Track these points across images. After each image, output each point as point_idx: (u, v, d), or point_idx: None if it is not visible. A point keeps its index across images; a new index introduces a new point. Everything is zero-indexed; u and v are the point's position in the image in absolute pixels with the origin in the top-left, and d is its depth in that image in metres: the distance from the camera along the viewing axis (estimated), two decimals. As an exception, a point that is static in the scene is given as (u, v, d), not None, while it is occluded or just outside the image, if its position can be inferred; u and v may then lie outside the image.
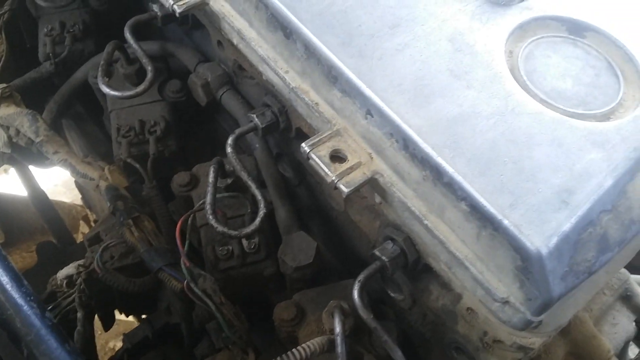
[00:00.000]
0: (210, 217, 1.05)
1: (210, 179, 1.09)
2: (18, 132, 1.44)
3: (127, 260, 1.37)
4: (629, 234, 0.80)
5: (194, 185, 1.25)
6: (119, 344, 3.28)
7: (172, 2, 1.06)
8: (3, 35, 1.51)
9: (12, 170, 2.41)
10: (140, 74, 1.35)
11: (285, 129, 1.15)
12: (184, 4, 1.07)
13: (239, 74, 1.27)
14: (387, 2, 0.95)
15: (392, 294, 1.14)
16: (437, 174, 0.79)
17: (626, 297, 1.52)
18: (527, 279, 0.74)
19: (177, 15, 1.07)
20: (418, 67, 0.87)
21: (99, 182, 1.22)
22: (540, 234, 0.72)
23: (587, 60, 0.90)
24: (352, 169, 0.87)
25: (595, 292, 0.93)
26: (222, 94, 1.28)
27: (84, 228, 3.04)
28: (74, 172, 1.27)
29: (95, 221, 2.53)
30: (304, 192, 1.34)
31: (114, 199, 1.18)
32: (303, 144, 0.89)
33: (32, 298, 0.87)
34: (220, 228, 1.04)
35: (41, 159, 1.74)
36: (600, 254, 0.77)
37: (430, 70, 0.87)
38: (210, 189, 1.08)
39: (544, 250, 0.71)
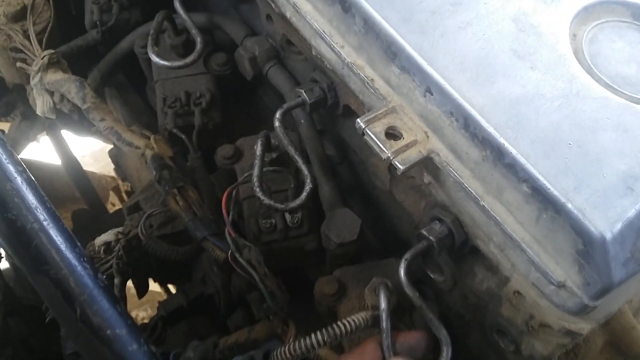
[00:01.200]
0: (257, 189, 1.05)
1: (258, 152, 1.09)
2: (62, 98, 1.46)
3: (166, 229, 1.38)
4: (691, 224, 0.79)
5: (238, 158, 1.26)
6: (141, 314, 3.33)
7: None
8: (50, 2, 1.52)
9: (44, 139, 2.44)
10: (187, 45, 1.35)
11: (333, 106, 1.15)
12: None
13: (287, 48, 1.27)
14: (448, -21, 0.93)
15: (432, 275, 1.14)
16: (498, 155, 0.78)
17: (666, 291, 1.49)
18: (588, 263, 0.73)
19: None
20: (481, 46, 0.85)
21: (144, 150, 1.23)
22: (604, 219, 0.71)
23: (653, 46, 0.88)
24: (407, 146, 0.86)
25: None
26: (269, 69, 1.28)
27: (113, 199, 3.08)
28: (120, 140, 1.28)
29: (127, 192, 2.56)
30: (345, 171, 1.34)
31: (159, 167, 1.19)
32: (358, 120, 0.88)
33: (85, 259, 0.89)
34: (267, 201, 1.05)
35: (80, 126, 1.76)
36: (661, 242, 0.76)
37: (493, 49, 0.85)
38: (257, 162, 1.08)
39: (608, 235, 0.71)
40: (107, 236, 1.45)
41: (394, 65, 0.89)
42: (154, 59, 1.20)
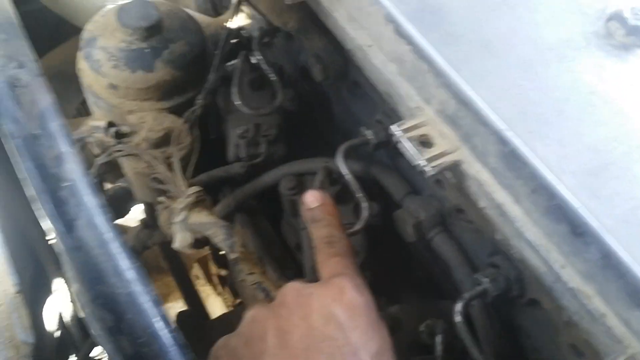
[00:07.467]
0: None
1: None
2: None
3: None
4: None
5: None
6: None
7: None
8: (191, 128, 1.46)
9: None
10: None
11: (517, 296, 1.04)
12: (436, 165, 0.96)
13: (455, 215, 1.17)
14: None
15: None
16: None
17: None
18: None
19: (428, 175, 0.97)
20: None
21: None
22: None
23: None
24: None
25: None
26: (434, 236, 1.18)
27: (197, 271, 2.96)
28: (267, 296, 1.20)
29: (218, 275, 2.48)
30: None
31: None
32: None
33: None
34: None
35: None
36: None
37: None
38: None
39: None
40: None
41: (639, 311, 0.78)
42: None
